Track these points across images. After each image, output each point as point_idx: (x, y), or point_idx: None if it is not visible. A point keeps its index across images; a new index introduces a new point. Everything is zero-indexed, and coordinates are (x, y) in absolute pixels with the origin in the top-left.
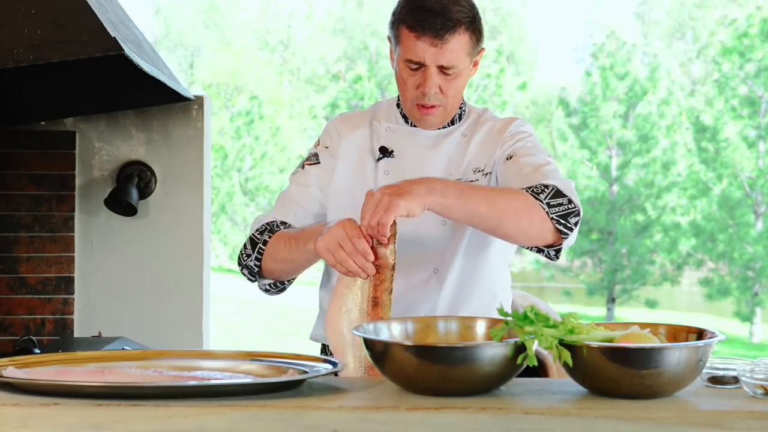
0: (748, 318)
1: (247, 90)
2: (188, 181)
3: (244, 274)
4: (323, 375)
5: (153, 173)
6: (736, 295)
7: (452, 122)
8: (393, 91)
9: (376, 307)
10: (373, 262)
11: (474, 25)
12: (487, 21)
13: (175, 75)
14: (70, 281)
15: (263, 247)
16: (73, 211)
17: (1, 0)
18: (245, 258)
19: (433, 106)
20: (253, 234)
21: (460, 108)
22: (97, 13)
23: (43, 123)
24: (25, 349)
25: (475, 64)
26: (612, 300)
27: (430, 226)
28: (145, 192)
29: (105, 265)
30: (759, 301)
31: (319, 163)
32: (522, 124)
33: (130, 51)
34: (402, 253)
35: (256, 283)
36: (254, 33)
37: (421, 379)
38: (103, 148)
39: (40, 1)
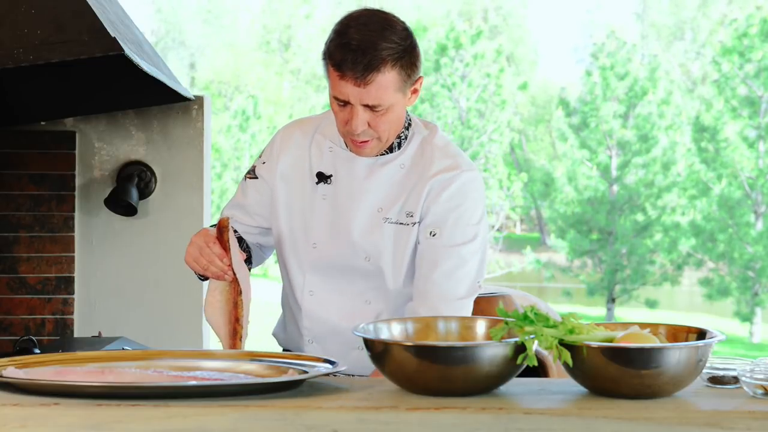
0: (748, 318)
1: (247, 90)
2: (188, 181)
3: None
4: (323, 375)
5: (153, 173)
6: (736, 295)
7: (391, 149)
8: None
9: (235, 307)
10: (228, 266)
11: (403, 60)
12: (488, 20)
13: (175, 75)
14: (70, 281)
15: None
16: (73, 211)
17: (1, 0)
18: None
19: (364, 141)
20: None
21: (401, 134)
22: (97, 13)
23: (43, 123)
24: (25, 349)
25: (415, 92)
26: (612, 300)
27: (356, 261)
28: (145, 192)
29: (105, 265)
30: (759, 301)
31: (257, 178)
32: (461, 179)
33: (130, 51)
34: (335, 287)
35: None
36: (254, 33)
37: (421, 379)
38: (103, 148)
39: (40, 1)
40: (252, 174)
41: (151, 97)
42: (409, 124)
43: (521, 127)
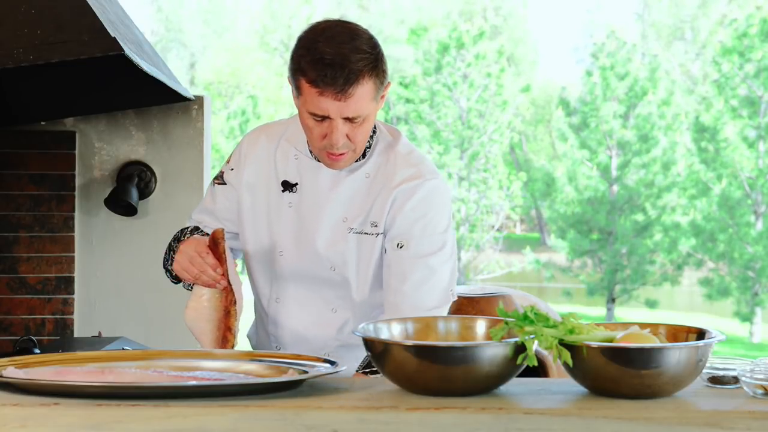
0: (748, 318)
1: (247, 90)
2: (188, 181)
3: (168, 278)
4: (323, 375)
5: (153, 173)
6: (736, 295)
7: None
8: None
9: (227, 315)
10: (222, 275)
11: (377, 69)
12: (488, 20)
13: (175, 75)
14: (70, 281)
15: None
16: (73, 211)
17: (2, 0)
18: (165, 262)
19: (342, 154)
20: (171, 241)
21: (368, 143)
22: (97, 13)
23: (43, 123)
24: (25, 349)
25: (382, 97)
26: (612, 300)
27: (322, 271)
28: (145, 192)
29: (105, 265)
30: (759, 301)
31: (225, 184)
32: (426, 188)
33: (130, 51)
34: (302, 295)
35: (181, 284)
36: (254, 33)
37: (421, 379)
38: (103, 148)
39: (40, 1)
40: (220, 180)
41: (151, 97)
42: (374, 132)
43: (522, 128)
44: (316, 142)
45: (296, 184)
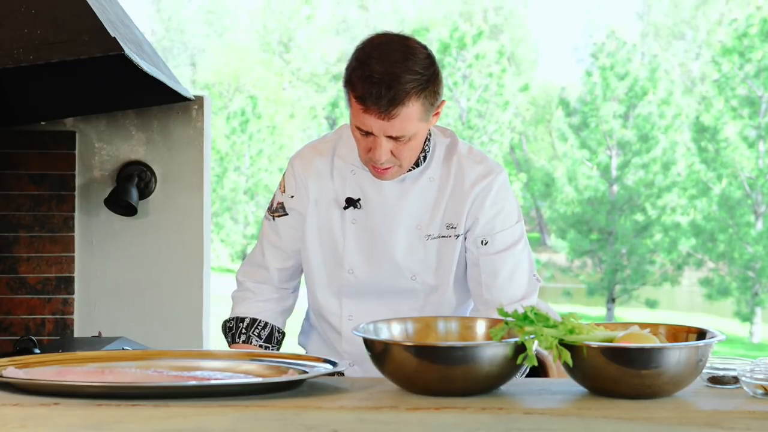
0: (748, 318)
1: (247, 90)
2: (188, 181)
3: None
4: (323, 375)
5: (153, 173)
6: (736, 295)
7: (417, 163)
8: None
9: None
10: None
11: (427, 90)
12: (488, 20)
13: (175, 75)
14: (70, 281)
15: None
16: (73, 211)
17: (1, 0)
18: (228, 339)
19: (387, 168)
20: (226, 325)
21: (424, 149)
22: (97, 13)
23: (43, 123)
24: (25, 349)
25: (436, 114)
26: (612, 300)
27: (400, 281)
28: (145, 192)
29: (105, 265)
30: (759, 301)
31: (287, 214)
32: (498, 183)
33: (130, 51)
34: (374, 309)
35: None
36: (254, 33)
37: (421, 379)
38: (103, 148)
39: (40, 1)
40: (281, 212)
41: (151, 97)
42: (428, 136)
43: (522, 129)
44: (362, 153)
45: (359, 199)
